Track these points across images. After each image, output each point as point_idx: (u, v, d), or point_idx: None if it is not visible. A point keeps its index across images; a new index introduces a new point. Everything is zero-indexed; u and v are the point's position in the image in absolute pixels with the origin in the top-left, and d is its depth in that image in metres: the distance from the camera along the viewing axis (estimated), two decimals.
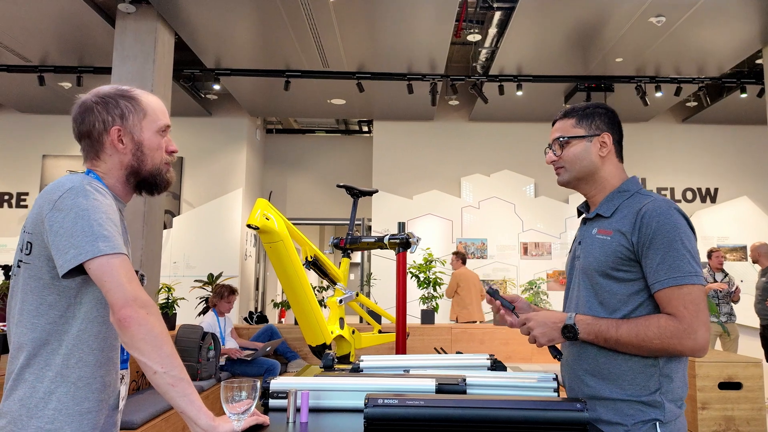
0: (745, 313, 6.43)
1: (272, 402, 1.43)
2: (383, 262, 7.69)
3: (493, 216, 8.03)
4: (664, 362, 1.38)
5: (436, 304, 5.76)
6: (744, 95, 6.85)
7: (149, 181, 1.40)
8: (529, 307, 1.55)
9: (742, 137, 8.32)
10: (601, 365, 1.41)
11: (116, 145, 1.36)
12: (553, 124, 1.63)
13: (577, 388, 1.46)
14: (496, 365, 1.78)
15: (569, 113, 1.58)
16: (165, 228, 7.36)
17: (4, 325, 3.82)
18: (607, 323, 1.38)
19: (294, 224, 3.03)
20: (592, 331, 1.39)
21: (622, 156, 1.59)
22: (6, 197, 7.99)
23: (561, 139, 1.56)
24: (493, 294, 1.51)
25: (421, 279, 5.72)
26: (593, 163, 1.53)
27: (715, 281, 5.90)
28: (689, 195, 8.29)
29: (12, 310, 1.29)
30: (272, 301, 7.07)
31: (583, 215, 1.60)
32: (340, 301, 3.34)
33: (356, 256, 11.15)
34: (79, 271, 1.20)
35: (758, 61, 6.45)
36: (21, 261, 1.28)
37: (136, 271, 1.34)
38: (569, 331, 1.40)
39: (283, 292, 6.78)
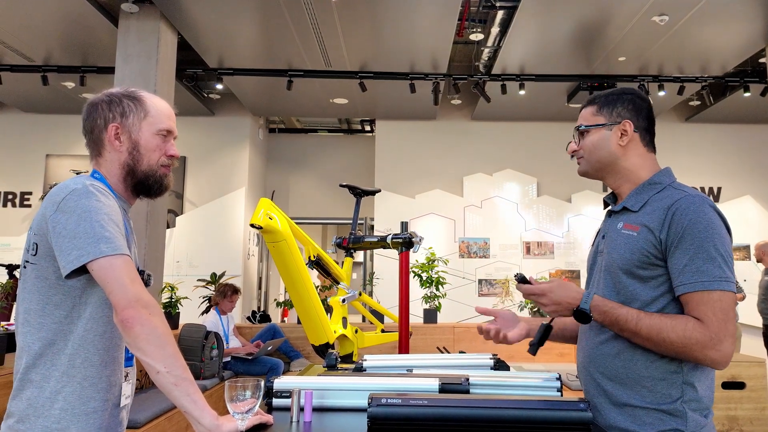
0: (748, 312, 6.42)
1: (276, 401, 1.43)
2: (386, 262, 7.69)
3: (495, 215, 8.02)
4: (688, 369, 1.28)
5: (439, 303, 5.76)
6: (747, 94, 6.83)
7: (144, 183, 1.40)
8: (514, 317, 1.51)
9: (746, 136, 8.29)
10: (618, 369, 1.33)
11: (113, 143, 1.38)
12: (580, 111, 1.55)
13: (593, 391, 1.38)
14: (500, 365, 1.78)
15: (593, 100, 1.49)
16: (168, 227, 7.36)
17: (9, 324, 3.83)
18: (626, 313, 1.28)
19: (297, 223, 3.04)
20: (608, 319, 1.30)
21: (653, 145, 1.47)
22: (10, 197, 8.01)
23: (581, 127, 1.48)
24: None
25: (424, 278, 5.72)
26: (612, 153, 1.43)
27: None
28: None
29: (19, 310, 1.31)
30: (275, 300, 7.08)
31: (609, 207, 1.50)
32: (343, 301, 3.35)
33: (359, 256, 11.15)
34: (83, 271, 1.22)
35: (761, 60, 6.43)
36: (27, 261, 1.30)
37: (143, 272, 1.35)
38: (581, 317, 1.31)
39: (285, 291, 6.78)
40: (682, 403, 1.27)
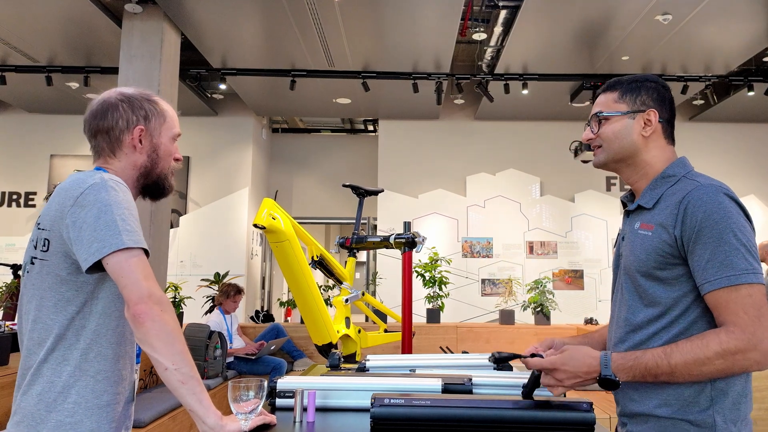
0: None
1: (279, 401, 1.44)
2: (389, 261, 7.70)
3: (498, 215, 8.02)
4: None
5: (442, 303, 5.76)
6: (751, 93, 6.81)
7: (157, 184, 1.44)
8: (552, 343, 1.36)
9: (750, 135, 8.27)
10: None
11: (135, 145, 1.39)
12: (595, 98, 1.44)
13: (621, 402, 1.31)
14: (502, 365, 1.78)
15: (614, 85, 1.39)
16: (172, 227, 7.38)
17: (14, 324, 3.84)
18: (653, 355, 1.17)
19: (300, 223, 3.05)
20: (637, 372, 1.18)
21: (673, 138, 1.39)
22: (14, 197, 8.05)
23: (600, 114, 1.37)
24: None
25: (427, 278, 5.72)
26: (634, 143, 1.34)
27: None
28: None
29: (26, 307, 1.31)
30: (278, 300, 7.10)
31: (627, 207, 1.41)
32: (346, 301, 3.35)
33: (362, 255, 11.15)
34: (101, 267, 1.22)
35: (766, 59, 6.41)
36: (36, 258, 1.30)
37: None
38: (607, 384, 1.18)
39: (289, 291, 6.80)
40: (713, 412, 1.18)
